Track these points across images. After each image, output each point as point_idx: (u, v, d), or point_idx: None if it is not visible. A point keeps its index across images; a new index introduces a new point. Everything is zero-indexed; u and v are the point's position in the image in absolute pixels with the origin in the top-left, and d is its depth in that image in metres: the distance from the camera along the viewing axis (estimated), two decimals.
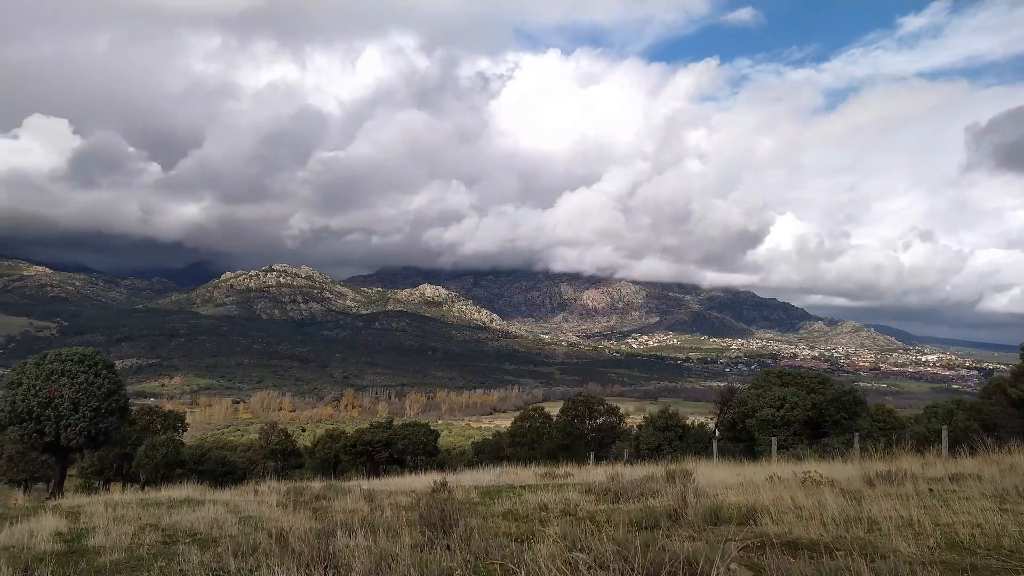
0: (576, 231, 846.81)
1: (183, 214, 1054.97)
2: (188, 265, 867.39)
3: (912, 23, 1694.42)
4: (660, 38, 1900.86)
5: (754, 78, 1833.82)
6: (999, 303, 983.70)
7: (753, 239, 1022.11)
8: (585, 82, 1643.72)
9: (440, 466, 40.83)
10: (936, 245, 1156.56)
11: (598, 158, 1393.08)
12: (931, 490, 9.79)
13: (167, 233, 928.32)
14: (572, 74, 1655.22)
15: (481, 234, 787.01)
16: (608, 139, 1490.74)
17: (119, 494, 18.65)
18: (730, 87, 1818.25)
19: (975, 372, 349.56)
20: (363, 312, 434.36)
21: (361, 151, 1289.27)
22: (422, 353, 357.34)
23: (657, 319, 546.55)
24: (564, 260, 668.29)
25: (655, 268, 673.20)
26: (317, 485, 17.16)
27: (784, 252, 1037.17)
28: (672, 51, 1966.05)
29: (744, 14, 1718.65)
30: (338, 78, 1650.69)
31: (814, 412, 30.87)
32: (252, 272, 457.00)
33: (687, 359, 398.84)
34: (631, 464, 24.05)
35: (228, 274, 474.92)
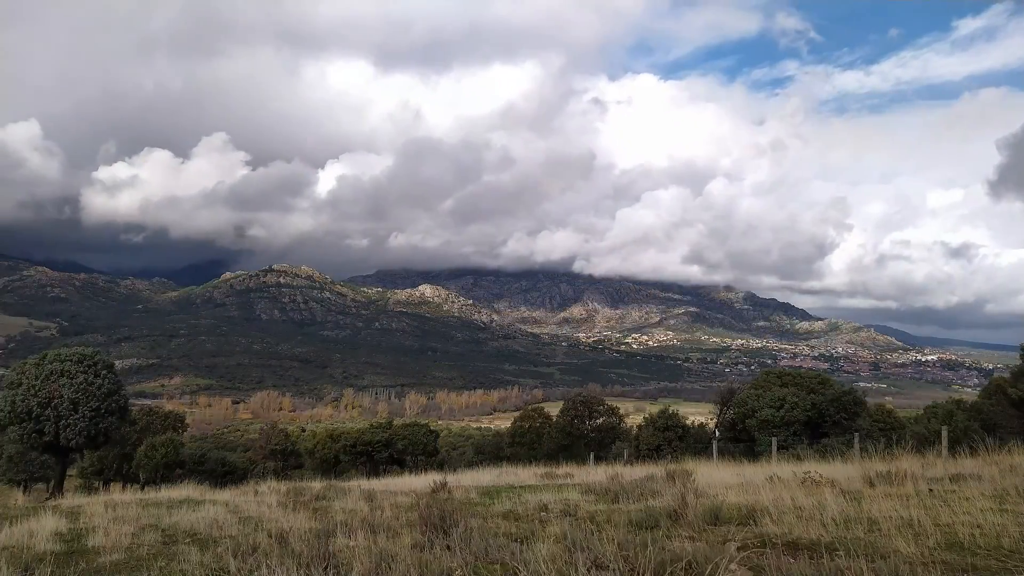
0: (637, 236, 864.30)
1: (293, 226, 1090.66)
2: (188, 265, 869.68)
3: (968, 25, 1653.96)
4: (711, 40, 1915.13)
5: (801, 80, 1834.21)
6: (1009, 305, 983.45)
7: (823, 250, 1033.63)
8: (680, 103, 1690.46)
9: (440, 466, 40.83)
10: (980, 253, 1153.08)
11: (684, 175, 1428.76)
12: (931, 490, 9.79)
13: (258, 244, 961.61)
14: (670, 95, 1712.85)
15: (559, 242, 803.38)
16: (688, 156, 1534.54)
17: (119, 494, 18.66)
18: (813, 104, 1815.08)
19: (975, 372, 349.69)
20: (363, 312, 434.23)
21: (484, 174, 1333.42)
22: (422, 353, 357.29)
23: (658, 319, 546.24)
24: (619, 261, 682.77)
25: (684, 271, 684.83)
26: (317, 485, 17.17)
27: (839, 259, 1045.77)
28: (715, 53, 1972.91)
29: (796, 20, 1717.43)
30: (471, 101, 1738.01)
31: (814, 412, 30.88)
32: (252, 272, 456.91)
33: (687, 359, 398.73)
34: (631, 464, 24.06)
35: (228, 274, 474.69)
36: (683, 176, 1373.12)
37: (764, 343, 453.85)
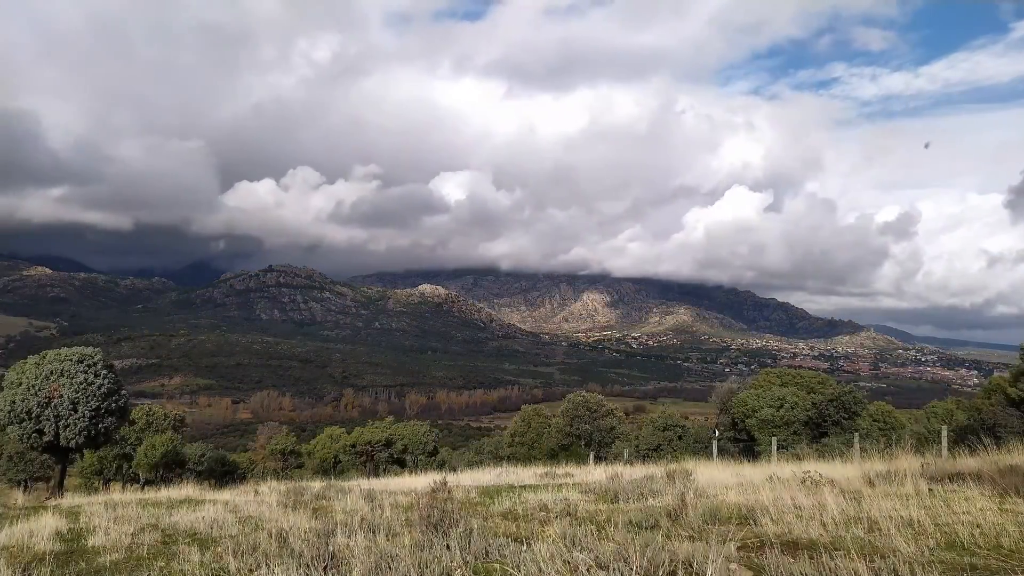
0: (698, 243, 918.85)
1: (382, 240, 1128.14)
2: (188, 265, 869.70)
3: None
4: (764, 43, 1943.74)
5: (847, 81, 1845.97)
6: (1018, 306, 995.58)
7: (879, 258, 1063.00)
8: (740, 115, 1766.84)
9: (440, 466, 40.82)
10: (1012, 256, 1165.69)
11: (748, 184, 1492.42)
12: (931, 490, 9.79)
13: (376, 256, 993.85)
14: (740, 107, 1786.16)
15: (628, 248, 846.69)
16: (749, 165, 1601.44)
17: (119, 494, 18.67)
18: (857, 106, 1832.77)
19: (975, 372, 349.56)
20: (363, 312, 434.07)
21: (587, 185, 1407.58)
22: (422, 353, 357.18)
23: (657, 319, 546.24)
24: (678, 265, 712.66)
25: (740, 275, 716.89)
26: (317, 485, 17.16)
27: (887, 266, 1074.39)
28: (760, 54, 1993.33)
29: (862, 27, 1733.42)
30: (586, 120, 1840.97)
31: (814, 412, 30.90)
32: (252, 272, 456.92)
33: (687, 359, 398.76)
34: (631, 464, 24.05)
35: (228, 274, 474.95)
36: (747, 185, 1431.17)
37: (764, 343, 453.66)
